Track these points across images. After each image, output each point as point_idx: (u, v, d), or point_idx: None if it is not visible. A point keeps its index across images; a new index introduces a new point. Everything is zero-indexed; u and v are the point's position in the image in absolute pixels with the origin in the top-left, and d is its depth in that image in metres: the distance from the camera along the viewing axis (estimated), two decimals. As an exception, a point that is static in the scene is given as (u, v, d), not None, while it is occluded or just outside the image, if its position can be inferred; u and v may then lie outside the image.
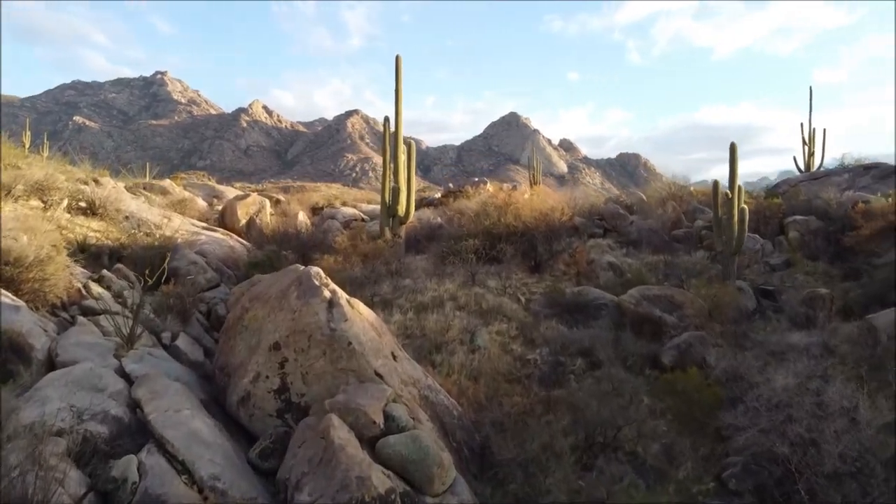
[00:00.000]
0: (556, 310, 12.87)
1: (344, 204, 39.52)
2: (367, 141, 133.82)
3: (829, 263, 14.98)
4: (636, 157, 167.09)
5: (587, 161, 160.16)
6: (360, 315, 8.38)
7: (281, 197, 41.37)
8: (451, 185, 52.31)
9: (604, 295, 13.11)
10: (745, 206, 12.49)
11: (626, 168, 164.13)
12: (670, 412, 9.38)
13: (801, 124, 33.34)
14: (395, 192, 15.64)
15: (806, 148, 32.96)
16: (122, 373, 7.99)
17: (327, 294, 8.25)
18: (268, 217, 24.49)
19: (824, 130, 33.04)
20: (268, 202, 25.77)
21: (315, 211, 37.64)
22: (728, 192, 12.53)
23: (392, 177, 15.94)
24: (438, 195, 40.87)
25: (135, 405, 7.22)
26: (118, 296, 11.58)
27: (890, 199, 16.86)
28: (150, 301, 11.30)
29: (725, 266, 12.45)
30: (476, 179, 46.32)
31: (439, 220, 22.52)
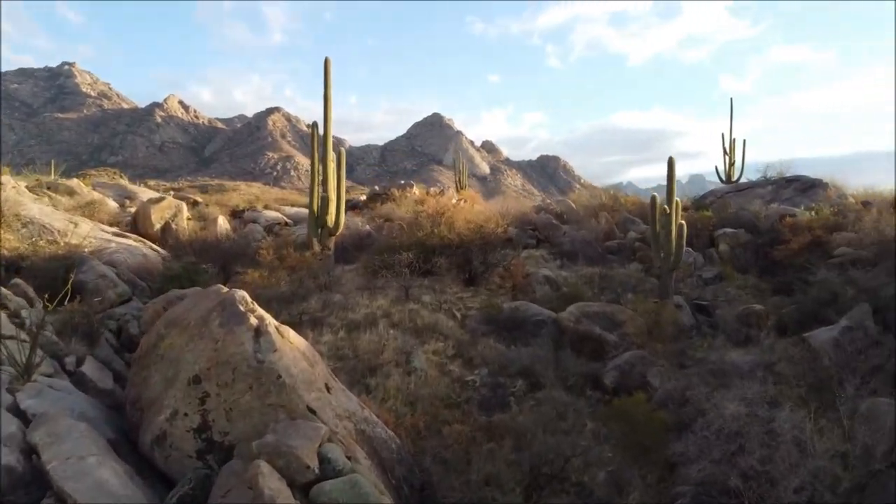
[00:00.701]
0: (493, 327, 12.53)
1: (266, 207, 38.20)
2: (289, 139, 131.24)
3: (759, 277, 15.28)
4: (556, 159, 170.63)
5: (509, 163, 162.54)
6: (290, 344, 7.74)
7: (199, 198, 39.64)
8: (376, 187, 51.54)
9: (542, 311, 12.87)
10: (683, 223, 12.52)
11: (545, 170, 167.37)
12: (615, 437, 9.17)
13: (723, 134, 34.40)
14: (325, 201, 14.91)
15: (727, 157, 34.07)
16: (17, 410, 7.08)
17: (254, 321, 7.57)
18: (185, 222, 23.23)
19: (744, 141, 34.28)
20: (185, 206, 24.45)
21: (236, 214, 36.25)
22: (666, 207, 12.54)
23: (321, 185, 15.19)
24: (363, 197, 40.15)
25: (31, 451, 6.37)
26: (15, 315, 10.43)
27: (814, 213, 17.44)
28: (53, 321, 10.25)
29: (663, 282, 12.45)
30: (402, 182, 45.72)
31: (368, 227, 21.92)
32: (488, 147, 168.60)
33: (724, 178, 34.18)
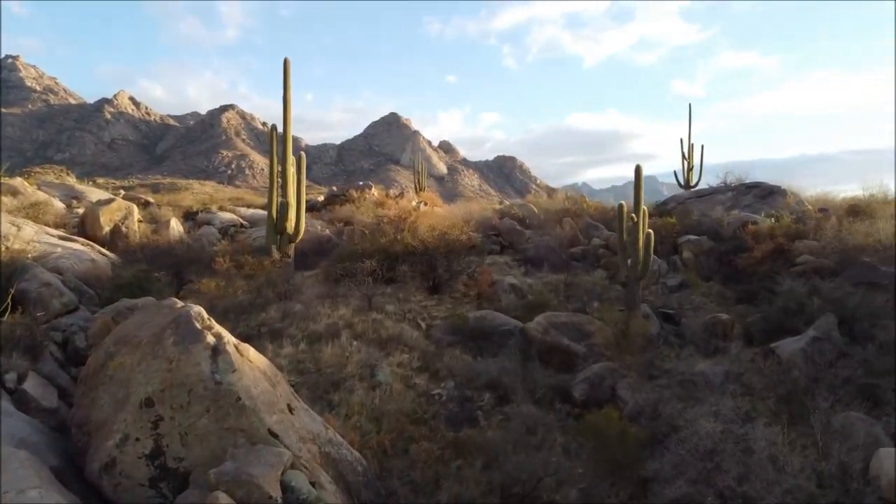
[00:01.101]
0: (459, 337, 12.28)
1: (221, 208, 37.27)
2: (244, 137, 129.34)
3: (722, 284, 15.36)
4: (512, 159, 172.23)
5: (466, 163, 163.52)
6: (250, 363, 7.35)
7: (150, 198, 38.53)
8: (334, 187, 50.84)
9: (508, 321, 12.67)
10: (651, 232, 12.47)
11: (502, 170, 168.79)
12: (586, 453, 9.01)
13: (681, 139, 34.91)
14: (284, 207, 14.39)
15: (685, 162, 34.55)
16: (-50, 438, 6.56)
17: (211, 339, 7.16)
18: (136, 225, 22.39)
19: (702, 146, 34.81)
20: (135, 208, 23.56)
21: (189, 216, 35.26)
22: (634, 215, 12.47)
23: (280, 190, 14.67)
24: (321, 198, 39.50)
25: (-37, 484, 5.86)
26: (-51, 330, 9.79)
27: (774, 220, 17.66)
28: (-9, 334, 9.63)
29: (630, 291, 12.37)
30: (360, 183, 45.21)
31: (328, 232, 21.46)
32: (445, 147, 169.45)
33: (682, 182, 34.67)
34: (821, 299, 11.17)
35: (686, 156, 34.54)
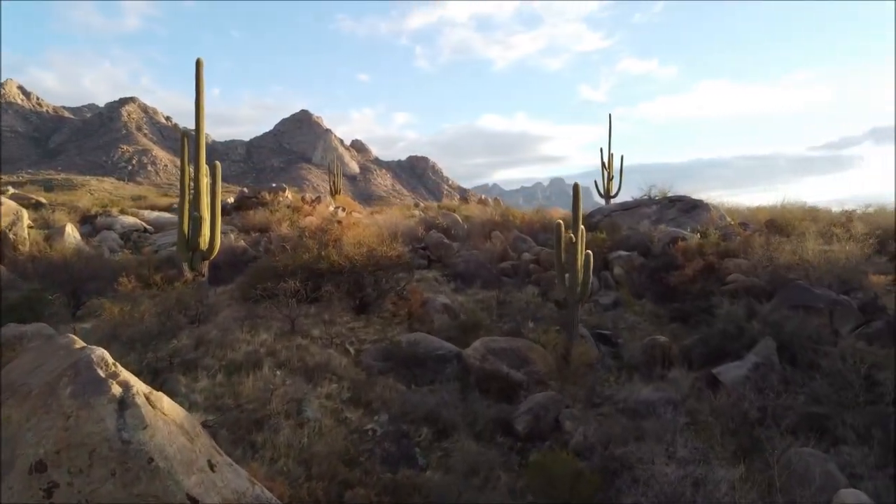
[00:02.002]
0: (391, 363, 11.60)
1: (122, 211, 34.96)
2: (146, 132, 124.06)
3: (655, 302, 15.33)
4: (425, 160, 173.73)
5: (378, 162, 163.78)
6: (164, 416, 6.43)
7: (42, 198, 35.83)
8: (245, 189, 48.83)
9: (443, 345, 12.08)
10: (590, 253, 12.18)
11: (415, 170, 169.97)
12: (533, 493, 8.54)
13: (601, 149, 35.39)
14: (197, 222, 13.17)
15: (605, 171, 35.01)
16: None
17: (117, 390, 6.20)
18: (25, 231, 20.49)
19: (622, 157, 35.41)
20: (25, 213, 21.53)
21: (87, 219, 32.88)
22: (572, 235, 12.16)
23: (191, 203, 13.39)
24: (231, 200, 37.77)
25: None
26: None
27: (700, 236, 17.88)
28: None
29: (569, 313, 12.03)
30: (273, 185, 43.59)
31: (243, 243, 20.27)
32: (358, 146, 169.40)
33: (602, 192, 35.15)
34: (759, 323, 11.17)
35: (606, 165, 35.01)
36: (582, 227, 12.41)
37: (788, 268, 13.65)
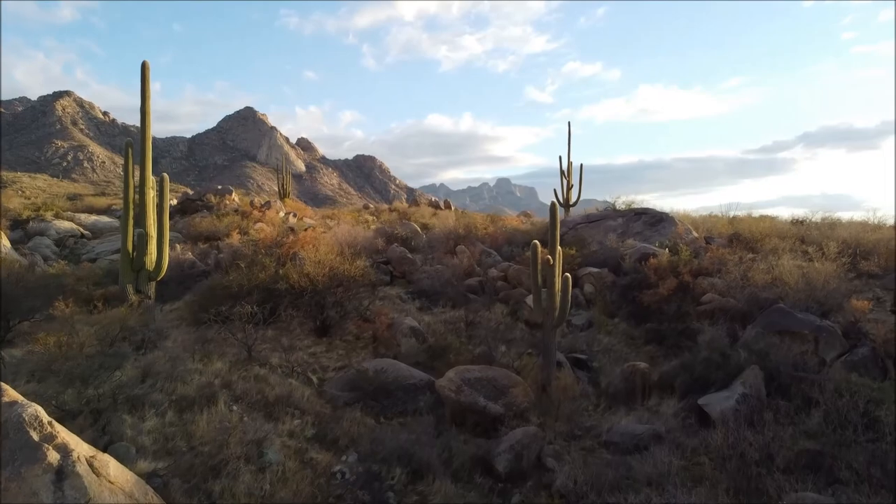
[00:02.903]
0: (358, 394, 10.85)
1: (57, 215, 33.17)
2: (82, 126, 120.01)
3: (628, 322, 14.94)
4: (372, 159, 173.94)
5: (325, 161, 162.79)
6: (110, 485, 5.61)
7: (-34, 200, 33.73)
8: (189, 191, 47.10)
9: (412, 373, 11.38)
10: (569, 276, 11.65)
11: (362, 170, 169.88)
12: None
13: (560, 157, 35.19)
14: (143, 239, 12.05)
15: (565, 180, 34.84)
16: None
17: (54, 457, 5.37)
18: (-53, 241, 18.96)
19: (581, 165, 35.28)
20: (-53, 220, 19.93)
21: (18, 224, 31.09)
22: (550, 257, 11.61)
23: (135, 219, 12.23)
24: (174, 202, 36.29)
25: None
26: None
27: (668, 250, 17.60)
28: None
29: (546, 340, 11.45)
30: (220, 187, 42.11)
31: (191, 255, 19.15)
32: (304, 144, 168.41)
33: (562, 200, 34.95)
34: (745, 350, 10.80)
35: (566, 173, 34.86)
36: (560, 248, 11.86)
37: (765, 288, 13.39)
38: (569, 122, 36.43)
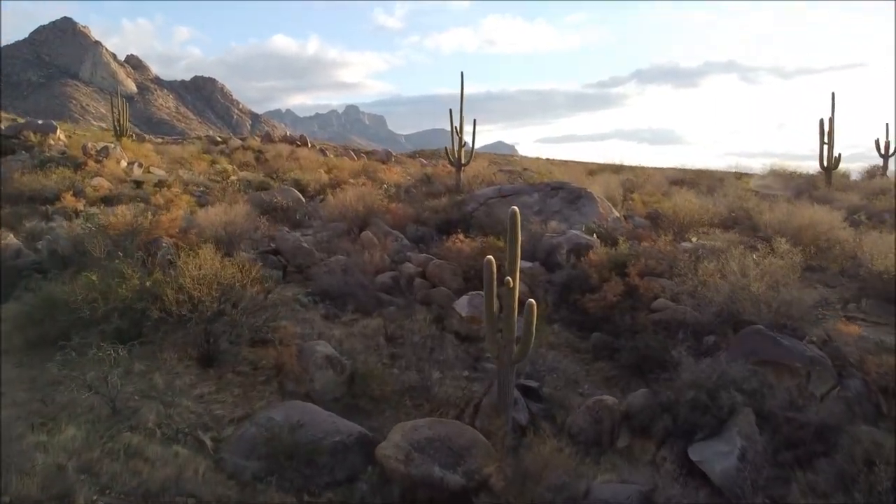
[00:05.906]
0: (268, 462, 8.50)
1: None
2: None
3: (570, 330, 13.41)
4: (212, 81, 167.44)
5: (159, 82, 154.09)
6: None
7: None
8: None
9: (338, 426, 9.15)
10: (533, 302, 9.80)
11: (202, 93, 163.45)
12: None
13: (451, 110, 32.96)
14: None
15: (458, 138, 32.67)
16: None
17: None
18: None
19: (474, 120, 33.16)
20: None
21: None
22: (509, 279, 9.72)
23: None
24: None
25: None
26: None
27: (598, 238, 16.28)
28: None
29: (503, 381, 9.54)
30: (40, 122, 36.30)
31: (14, 239, 15.45)
32: (134, 63, 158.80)
33: (453, 160, 32.91)
34: (735, 390, 9.51)
35: (458, 130, 32.79)
36: (520, 267, 9.98)
37: (730, 297, 12.21)
38: (461, 73, 34.07)
